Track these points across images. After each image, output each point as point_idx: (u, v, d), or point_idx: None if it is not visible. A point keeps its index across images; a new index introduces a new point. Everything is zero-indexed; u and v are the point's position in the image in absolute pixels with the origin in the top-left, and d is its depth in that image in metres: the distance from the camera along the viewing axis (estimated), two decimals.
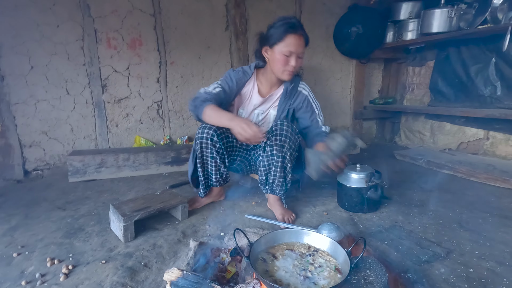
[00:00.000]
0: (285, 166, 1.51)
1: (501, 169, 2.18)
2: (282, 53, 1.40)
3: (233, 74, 1.58)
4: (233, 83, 1.56)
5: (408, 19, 2.90)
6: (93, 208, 1.81)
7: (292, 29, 1.37)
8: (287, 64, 1.42)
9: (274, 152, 1.47)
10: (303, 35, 1.42)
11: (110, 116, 2.65)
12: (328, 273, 0.90)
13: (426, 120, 3.12)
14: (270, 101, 1.63)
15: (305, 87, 1.67)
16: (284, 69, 1.45)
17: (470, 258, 1.25)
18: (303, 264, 0.96)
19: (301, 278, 0.89)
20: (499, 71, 2.44)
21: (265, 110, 1.63)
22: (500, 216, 1.63)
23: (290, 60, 1.41)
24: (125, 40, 2.57)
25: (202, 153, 1.58)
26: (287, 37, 1.37)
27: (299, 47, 1.40)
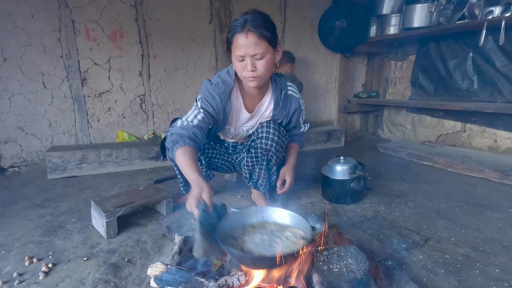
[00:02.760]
0: (270, 168, 1.48)
1: (477, 160, 2.27)
2: (236, 58, 1.17)
3: (213, 89, 1.29)
4: (216, 100, 1.29)
5: (390, 13, 2.95)
6: (74, 205, 1.76)
7: (237, 29, 1.14)
8: (243, 69, 1.18)
9: (258, 155, 1.42)
10: (254, 31, 1.12)
11: (91, 111, 2.57)
12: (292, 243, 0.95)
13: (407, 113, 3.21)
14: (258, 114, 1.42)
15: (293, 88, 1.47)
16: (244, 76, 1.21)
17: (447, 244, 1.31)
18: (271, 238, 0.99)
19: (267, 247, 0.93)
20: (476, 66, 2.53)
21: (255, 125, 1.46)
22: (475, 205, 1.70)
23: (246, 65, 1.16)
24: (105, 31, 2.48)
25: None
26: (234, 38, 1.15)
27: (249, 48, 1.12)
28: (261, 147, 1.39)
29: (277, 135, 1.39)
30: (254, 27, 1.12)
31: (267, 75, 1.24)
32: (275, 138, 1.38)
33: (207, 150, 1.59)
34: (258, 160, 1.45)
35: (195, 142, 1.18)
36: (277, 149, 1.42)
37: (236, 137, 1.56)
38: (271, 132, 1.38)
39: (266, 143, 1.38)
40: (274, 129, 1.39)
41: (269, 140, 1.38)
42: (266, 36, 1.14)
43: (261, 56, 1.15)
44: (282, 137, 1.43)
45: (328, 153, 2.89)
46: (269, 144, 1.39)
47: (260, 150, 1.40)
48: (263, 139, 1.38)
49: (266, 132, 1.38)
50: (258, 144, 1.40)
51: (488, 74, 2.43)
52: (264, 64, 1.17)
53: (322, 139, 3.17)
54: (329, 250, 0.96)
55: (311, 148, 3.10)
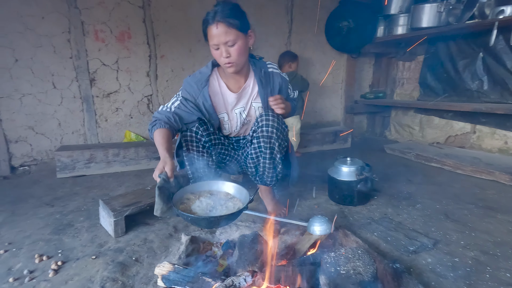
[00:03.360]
0: (274, 157, 1.49)
1: (486, 161, 2.24)
2: (212, 47, 1.31)
3: (190, 78, 1.46)
4: (193, 87, 1.43)
5: (398, 13, 2.92)
6: (82, 204, 1.78)
7: (209, 21, 1.26)
8: (220, 56, 1.31)
9: (261, 144, 1.45)
10: (223, 21, 1.24)
11: (99, 111, 2.60)
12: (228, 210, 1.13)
13: (415, 114, 3.17)
14: (246, 95, 1.50)
15: (272, 64, 1.55)
16: (222, 63, 1.34)
17: (456, 248, 1.29)
18: (215, 204, 1.16)
19: (208, 211, 1.12)
20: (486, 66, 2.49)
21: (246, 107, 1.52)
22: (484, 207, 1.67)
23: (221, 52, 1.29)
24: (114, 32, 2.51)
25: (188, 148, 1.54)
26: (208, 30, 1.28)
27: (220, 37, 1.25)
28: (262, 135, 1.43)
29: (276, 121, 1.43)
30: (223, 17, 1.24)
31: (242, 59, 1.35)
32: (274, 124, 1.42)
33: (217, 146, 1.60)
34: (261, 149, 1.47)
35: (169, 125, 1.35)
36: (278, 136, 1.44)
37: (233, 126, 1.57)
38: (270, 119, 1.42)
39: (267, 130, 1.42)
40: (273, 117, 1.42)
41: (269, 127, 1.41)
42: (235, 24, 1.26)
43: (232, 43, 1.28)
44: (281, 124, 1.47)
45: (334, 153, 2.88)
46: (270, 131, 1.42)
47: (262, 138, 1.43)
48: (263, 127, 1.42)
49: (265, 120, 1.42)
50: (259, 133, 1.43)
51: (499, 74, 2.39)
52: (236, 50, 1.29)
53: (328, 139, 3.15)
54: (336, 252, 0.96)
55: (317, 149, 3.08)
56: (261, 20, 2.99)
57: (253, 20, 3.07)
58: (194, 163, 1.60)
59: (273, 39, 3.08)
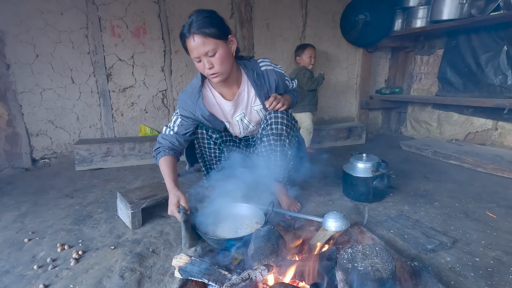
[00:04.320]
0: (285, 153, 1.48)
1: (509, 159, 2.15)
2: (194, 60, 1.27)
3: (183, 94, 1.44)
4: (187, 103, 1.40)
5: (417, 5, 2.82)
6: (100, 196, 1.83)
7: (184, 36, 1.23)
8: (204, 68, 1.26)
9: (271, 142, 1.44)
10: (198, 33, 1.19)
11: (115, 105, 2.66)
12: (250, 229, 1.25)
13: (433, 110, 3.08)
14: (243, 101, 1.46)
15: (265, 61, 1.48)
16: (207, 75, 1.29)
17: (476, 247, 1.25)
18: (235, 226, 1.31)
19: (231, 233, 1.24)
20: (510, 60, 2.38)
21: (246, 112, 1.49)
22: (506, 207, 1.62)
23: (204, 63, 1.24)
24: (129, 28, 2.54)
25: (199, 144, 1.56)
26: (186, 44, 1.24)
27: (199, 48, 1.20)
28: (272, 133, 1.42)
29: (285, 118, 1.42)
30: (198, 28, 1.19)
31: (226, 67, 1.29)
32: (284, 121, 1.40)
33: (229, 145, 1.61)
34: (272, 147, 1.46)
35: (174, 151, 1.40)
36: (288, 132, 1.43)
37: (237, 132, 1.57)
38: (279, 117, 1.40)
39: (276, 128, 1.40)
40: (282, 113, 1.41)
41: (279, 125, 1.40)
42: (211, 33, 1.20)
43: (212, 52, 1.22)
44: (291, 120, 1.46)
45: (348, 150, 2.85)
46: (280, 128, 1.41)
47: (272, 136, 1.43)
48: (273, 125, 1.41)
49: (274, 117, 1.41)
50: (269, 131, 1.42)
51: None
52: (218, 59, 1.24)
53: (342, 135, 3.11)
54: (354, 248, 0.95)
55: (331, 145, 3.05)
56: (276, 14, 2.96)
57: (267, 14, 3.05)
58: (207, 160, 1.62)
59: (287, 34, 3.04)
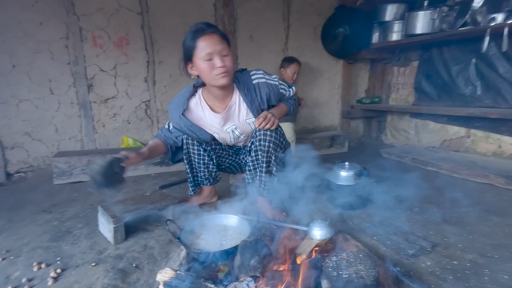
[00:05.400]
0: (271, 170, 1.54)
1: (482, 165, 2.27)
2: (203, 59, 1.27)
3: (171, 105, 1.52)
4: (173, 115, 1.49)
5: (393, 20, 2.97)
6: (81, 210, 1.77)
7: (199, 32, 1.27)
8: (214, 68, 1.27)
9: (259, 157, 1.50)
10: (215, 32, 1.28)
11: (96, 116, 2.60)
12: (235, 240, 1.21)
13: (410, 119, 3.21)
14: (233, 114, 1.48)
15: (257, 73, 1.49)
16: (214, 75, 1.29)
17: (454, 251, 1.30)
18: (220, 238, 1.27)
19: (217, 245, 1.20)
20: (479, 72, 2.54)
21: (238, 125, 1.51)
22: (481, 210, 1.70)
23: (215, 62, 1.26)
24: (112, 38, 2.52)
25: (189, 151, 1.59)
26: (198, 42, 1.26)
27: (216, 45, 1.25)
28: (260, 149, 1.47)
29: (273, 136, 1.46)
30: (215, 30, 1.29)
31: (233, 71, 1.35)
32: (272, 139, 1.45)
33: (218, 151, 1.66)
34: (258, 161, 1.52)
35: (164, 139, 1.57)
36: (274, 149, 1.48)
37: (227, 141, 1.61)
38: (268, 134, 1.45)
39: (264, 145, 1.46)
40: (271, 131, 1.45)
41: (266, 142, 1.45)
42: (226, 39, 1.31)
43: (226, 53, 1.29)
44: (279, 138, 1.50)
45: (331, 158, 2.89)
46: (267, 145, 1.46)
47: (260, 152, 1.48)
48: (261, 141, 1.46)
49: (263, 134, 1.45)
50: (257, 146, 1.48)
51: (491, 79, 2.44)
52: (230, 60, 1.30)
53: (325, 144, 3.17)
54: (338, 256, 0.96)
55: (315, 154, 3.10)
56: (259, 27, 3.02)
57: (251, 26, 3.11)
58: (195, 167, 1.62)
59: (271, 45, 3.12)
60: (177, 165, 2.57)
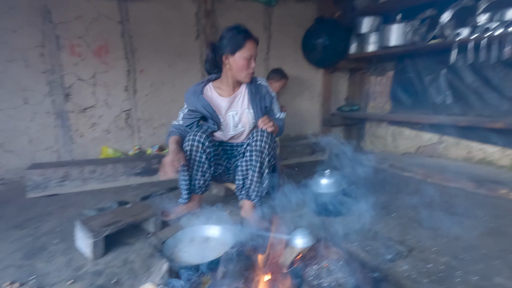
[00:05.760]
0: (263, 172, 1.60)
1: (453, 170, 2.39)
2: (245, 57, 1.55)
3: (188, 92, 1.71)
4: (191, 99, 1.67)
5: (369, 32, 3.10)
6: (57, 225, 1.70)
7: (249, 35, 1.56)
8: (249, 67, 1.58)
9: (253, 158, 1.58)
10: (256, 40, 1.60)
11: (74, 126, 2.52)
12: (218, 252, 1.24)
13: (388, 126, 3.34)
14: (238, 101, 1.71)
15: (262, 80, 1.79)
16: (247, 72, 1.60)
17: (429, 254, 1.36)
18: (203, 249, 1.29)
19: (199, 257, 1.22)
20: (449, 82, 2.69)
21: (239, 111, 1.71)
22: (453, 214, 1.79)
23: (251, 63, 1.58)
24: (91, 47, 2.48)
25: (191, 155, 1.60)
26: (247, 43, 1.54)
27: (255, 50, 1.59)
28: (255, 149, 1.57)
29: (270, 138, 1.59)
30: (256, 38, 1.60)
31: None
32: (268, 141, 1.58)
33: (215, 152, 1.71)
34: (252, 162, 1.59)
35: (179, 132, 1.68)
36: (269, 151, 1.59)
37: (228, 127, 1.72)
38: (264, 135, 1.57)
39: (260, 145, 1.56)
40: (268, 133, 1.59)
41: (263, 142, 1.57)
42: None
43: (255, 57, 1.60)
44: (273, 142, 1.62)
45: (313, 165, 2.96)
46: (262, 146, 1.56)
47: (254, 152, 1.57)
48: (257, 142, 1.57)
49: (260, 135, 1.57)
50: (253, 146, 1.57)
51: (460, 89, 2.60)
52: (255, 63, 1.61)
53: (307, 151, 3.23)
54: (319, 264, 0.99)
55: (297, 161, 3.15)
56: None
57: None
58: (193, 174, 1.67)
59: None
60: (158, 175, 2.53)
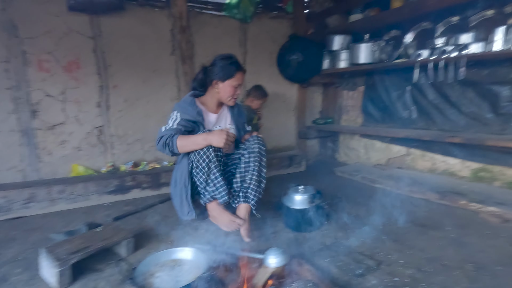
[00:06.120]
0: (260, 171, 1.73)
1: (420, 181, 2.53)
2: (233, 86, 1.73)
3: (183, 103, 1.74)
4: (188, 109, 1.71)
5: (340, 50, 3.25)
6: (20, 252, 1.61)
7: (240, 67, 1.73)
8: (235, 94, 1.76)
9: (251, 159, 1.72)
10: (244, 71, 1.78)
11: (41, 144, 2.42)
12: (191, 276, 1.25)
13: (360, 138, 3.48)
14: (223, 118, 1.88)
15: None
16: (232, 98, 1.77)
17: (396, 267, 1.43)
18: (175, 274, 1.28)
19: (172, 283, 1.22)
20: (413, 98, 2.87)
21: (223, 127, 1.86)
22: (419, 225, 1.89)
23: (237, 90, 1.76)
24: (60, 63, 2.41)
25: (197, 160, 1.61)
26: (237, 74, 1.71)
27: (242, 80, 1.77)
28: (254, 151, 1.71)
29: (262, 143, 1.76)
30: (243, 69, 1.77)
31: None
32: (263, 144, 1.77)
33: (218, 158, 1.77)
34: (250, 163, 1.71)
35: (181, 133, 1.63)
36: (263, 155, 1.75)
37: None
38: (261, 140, 1.76)
39: (258, 147, 1.72)
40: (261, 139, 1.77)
41: (261, 145, 1.74)
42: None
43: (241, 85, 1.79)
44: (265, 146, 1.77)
45: (290, 177, 3.02)
46: (261, 148, 1.72)
47: (253, 154, 1.71)
48: (255, 145, 1.72)
49: (257, 139, 1.74)
50: (251, 149, 1.72)
51: (423, 105, 2.78)
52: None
53: (284, 164, 3.29)
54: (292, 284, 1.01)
55: (274, 174, 3.19)
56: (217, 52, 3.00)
57: (209, 52, 3.17)
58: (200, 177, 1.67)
59: None
60: (133, 193, 2.47)
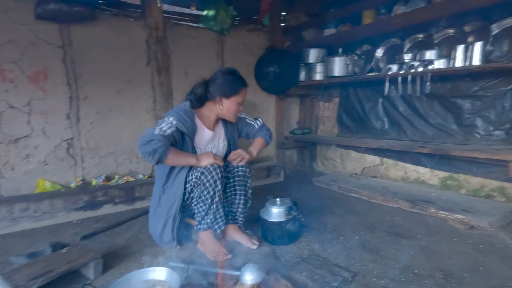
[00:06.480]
0: (245, 192, 1.80)
1: (393, 191, 2.62)
2: (238, 102, 1.71)
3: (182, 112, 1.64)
4: (186, 121, 1.63)
5: (316, 62, 3.34)
6: None
7: (244, 84, 1.73)
8: (238, 110, 1.75)
9: (236, 183, 1.77)
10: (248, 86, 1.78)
11: (3, 159, 2.26)
12: None
13: (336, 148, 3.57)
14: (217, 135, 1.84)
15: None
16: (235, 114, 1.77)
17: (371, 278, 1.45)
18: None
19: None
20: (385, 109, 3.00)
21: (216, 144, 1.84)
22: (393, 234, 1.94)
23: (241, 106, 1.75)
24: (26, 72, 2.28)
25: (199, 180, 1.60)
26: (242, 90, 1.71)
27: (245, 97, 1.76)
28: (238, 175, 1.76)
29: (246, 165, 1.78)
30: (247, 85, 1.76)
31: None
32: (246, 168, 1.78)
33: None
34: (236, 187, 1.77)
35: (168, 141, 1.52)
36: (248, 176, 1.80)
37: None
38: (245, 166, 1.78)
39: (242, 170, 1.77)
40: (243, 166, 1.77)
41: (244, 167, 1.77)
42: None
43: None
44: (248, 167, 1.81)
45: (269, 188, 3.01)
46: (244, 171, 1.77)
47: (238, 177, 1.76)
48: (239, 168, 1.76)
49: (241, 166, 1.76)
50: (235, 173, 1.76)
51: (395, 116, 2.90)
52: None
53: (262, 175, 3.29)
54: None
55: (253, 184, 3.14)
56: (194, 63, 3.09)
57: (185, 62, 3.15)
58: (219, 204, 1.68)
59: None
60: (105, 208, 2.36)
